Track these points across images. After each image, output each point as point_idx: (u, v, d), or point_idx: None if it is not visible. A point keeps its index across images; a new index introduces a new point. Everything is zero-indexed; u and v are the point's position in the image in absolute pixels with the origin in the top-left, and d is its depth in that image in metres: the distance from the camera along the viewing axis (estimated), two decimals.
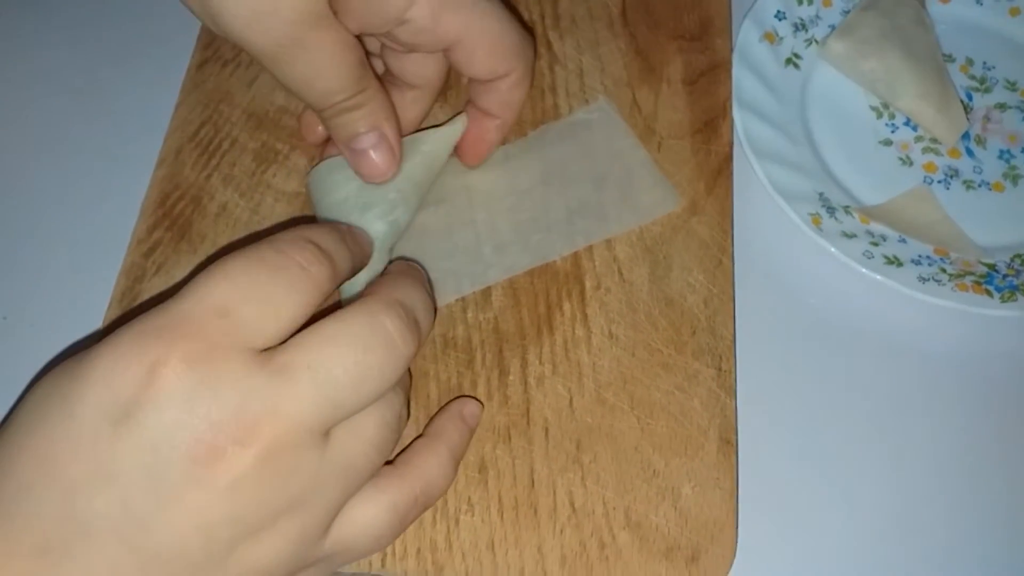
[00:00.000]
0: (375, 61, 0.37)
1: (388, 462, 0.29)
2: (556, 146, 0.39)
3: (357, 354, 0.25)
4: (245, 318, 0.24)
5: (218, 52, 0.42)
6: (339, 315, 0.26)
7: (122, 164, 0.41)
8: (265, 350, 0.24)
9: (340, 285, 0.29)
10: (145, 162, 0.39)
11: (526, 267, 0.37)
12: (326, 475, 0.25)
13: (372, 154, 0.33)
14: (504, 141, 0.39)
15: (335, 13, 0.30)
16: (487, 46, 0.33)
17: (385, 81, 0.36)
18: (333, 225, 0.31)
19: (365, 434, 0.26)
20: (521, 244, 0.37)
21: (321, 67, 0.30)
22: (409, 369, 0.30)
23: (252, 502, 0.23)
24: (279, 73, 0.30)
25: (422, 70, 0.36)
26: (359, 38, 0.32)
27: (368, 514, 0.27)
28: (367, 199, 0.34)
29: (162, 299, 0.25)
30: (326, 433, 0.25)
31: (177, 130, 0.40)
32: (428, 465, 0.29)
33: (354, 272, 0.30)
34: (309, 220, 0.38)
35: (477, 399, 0.34)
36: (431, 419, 0.32)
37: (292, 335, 0.25)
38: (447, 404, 0.33)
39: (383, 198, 0.34)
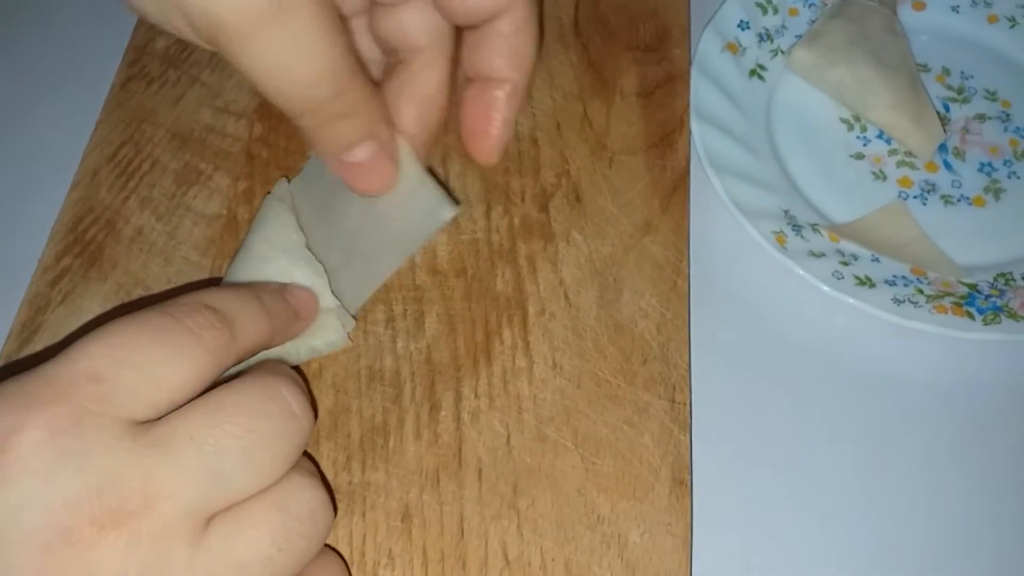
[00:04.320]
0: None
1: None
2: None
3: (249, 421, 0.22)
4: (121, 384, 0.21)
5: (144, 69, 0.40)
6: (229, 384, 0.23)
7: (37, 188, 0.39)
8: (145, 422, 0.21)
9: (249, 355, 0.26)
10: (62, 186, 0.37)
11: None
12: (208, 570, 0.21)
13: (369, 167, 0.27)
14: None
15: None
16: None
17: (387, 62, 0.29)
18: (250, 287, 0.27)
19: (259, 525, 0.21)
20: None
21: (303, 46, 0.23)
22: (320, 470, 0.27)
23: None
24: (250, 55, 0.23)
25: (423, 21, 0.27)
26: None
27: None
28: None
29: (38, 361, 0.22)
30: (208, 521, 0.21)
31: (95, 150, 0.38)
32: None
33: (274, 339, 0.27)
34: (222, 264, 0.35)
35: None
36: None
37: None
38: None
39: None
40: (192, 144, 0.38)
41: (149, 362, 0.22)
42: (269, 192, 0.35)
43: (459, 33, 0.28)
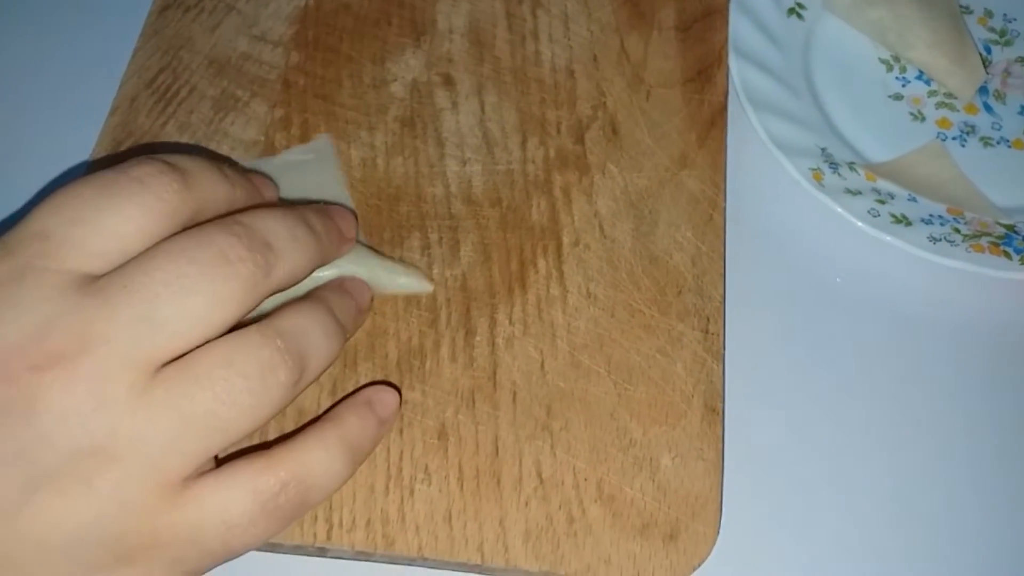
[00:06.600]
0: None
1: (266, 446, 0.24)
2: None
3: (179, 267, 0.21)
4: (66, 239, 0.22)
5: None
6: (171, 236, 0.23)
7: (76, 114, 0.39)
8: (98, 275, 0.22)
9: (211, 215, 0.24)
10: (100, 111, 0.37)
11: None
12: (148, 419, 0.20)
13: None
14: None
15: None
16: None
17: None
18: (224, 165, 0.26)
19: (202, 379, 0.21)
20: None
21: None
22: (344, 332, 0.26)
23: (46, 439, 0.20)
24: None
25: None
26: None
27: (219, 495, 0.21)
28: None
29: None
30: (155, 372, 0.21)
31: (133, 76, 0.38)
32: (309, 453, 0.23)
33: (237, 203, 0.25)
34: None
35: (395, 387, 0.30)
36: (334, 404, 0.28)
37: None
38: (357, 389, 0.30)
39: None
40: (229, 71, 0.38)
41: (95, 214, 0.22)
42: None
43: None
